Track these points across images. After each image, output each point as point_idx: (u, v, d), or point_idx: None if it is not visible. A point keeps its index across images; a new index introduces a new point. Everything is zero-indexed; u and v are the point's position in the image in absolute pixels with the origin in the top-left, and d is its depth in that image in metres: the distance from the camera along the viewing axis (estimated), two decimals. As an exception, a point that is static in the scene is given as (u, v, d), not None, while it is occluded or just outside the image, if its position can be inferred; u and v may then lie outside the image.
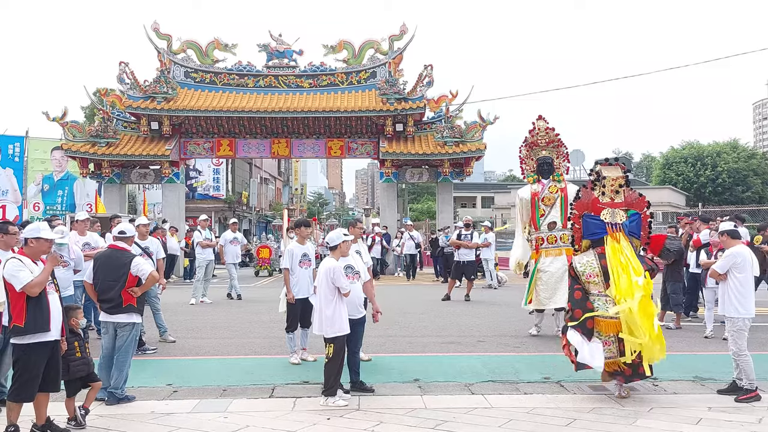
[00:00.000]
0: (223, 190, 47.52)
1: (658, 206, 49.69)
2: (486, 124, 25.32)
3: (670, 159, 69.24)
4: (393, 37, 26.23)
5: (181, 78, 25.98)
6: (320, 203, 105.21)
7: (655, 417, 6.55)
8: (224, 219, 43.77)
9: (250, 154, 28.85)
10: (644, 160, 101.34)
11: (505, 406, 6.94)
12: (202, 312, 14.36)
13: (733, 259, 7.43)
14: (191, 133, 26.19)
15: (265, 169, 59.13)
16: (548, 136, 11.47)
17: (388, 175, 26.19)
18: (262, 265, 25.76)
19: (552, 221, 11.15)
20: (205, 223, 17.25)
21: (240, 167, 51.35)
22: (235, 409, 6.85)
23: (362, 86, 26.20)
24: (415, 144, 25.63)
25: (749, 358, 7.22)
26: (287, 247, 9.48)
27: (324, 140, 26.43)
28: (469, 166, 26.40)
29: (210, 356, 9.72)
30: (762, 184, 65.19)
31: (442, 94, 26.33)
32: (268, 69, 26.37)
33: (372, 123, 25.74)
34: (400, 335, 11.32)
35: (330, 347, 7.06)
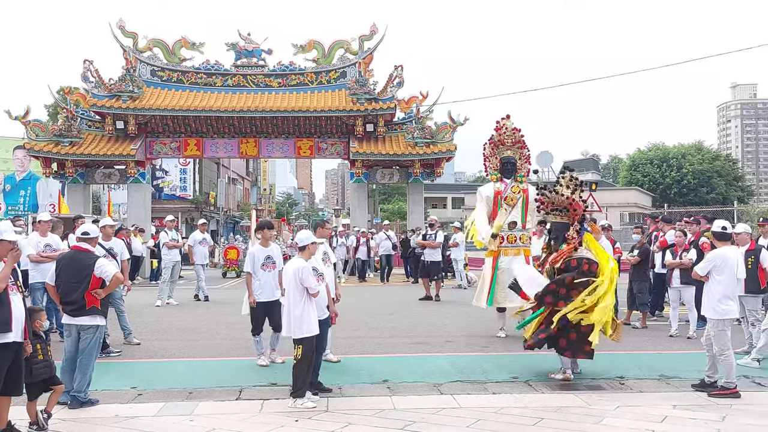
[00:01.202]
0: (190, 190, 47.03)
1: (625, 207, 50.43)
2: (456, 125, 25.41)
3: (637, 160, 70.25)
4: (363, 37, 26.19)
5: (147, 76, 25.64)
6: (289, 204, 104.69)
7: (622, 415, 6.60)
8: (191, 220, 43.34)
9: (218, 154, 28.59)
10: (611, 162, 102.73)
11: (473, 406, 6.94)
12: (167, 314, 14.18)
13: (713, 262, 7.51)
14: (157, 133, 25.86)
15: (233, 169, 58.66)
16: (514, 136, 11.56)
17: (358, 175, 26.15)
18: (229, 266, 25.52)
19: (513, 221, 11.21)
20: (171, 223, 17.05)
21: (207, 167, 50.86)
22: (201, 412, 6.75)
23: (332, 86, 26.12)
24: (385, 144, 25.62)
25: (732, 358, 7.31)
26: (249, 251, 9.34)
27: (293, 140, 26.29)
28: (440, 167, 26.48)
29: (176, 358, 9.58)
30: (725, 185, 66.46)
31: (412, 95, 26.38)
32: (236, 68, 26.15)
33: (342, 123, 25.68)
34: (368, 336, 11.29)
35: (299, 348, 6.99)
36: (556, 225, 8.39)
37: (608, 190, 55.60)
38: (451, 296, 17.69)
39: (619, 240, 16.82)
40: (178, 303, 15.64)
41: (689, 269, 10.70)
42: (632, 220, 43.98)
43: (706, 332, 7.68)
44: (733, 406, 6.87)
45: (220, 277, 24.56)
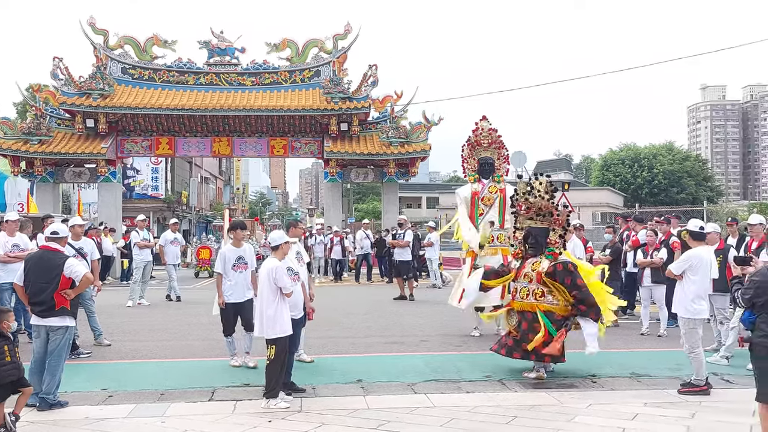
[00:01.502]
0: (162, 189, 46.53)
1: (597, 207, 50.95)
2: (431, 125, 25.47)
3: (609, 161, 71.06)
4: (337, 36, 26.14)
5: (118, 74, 25.34)
6: (263, 203, 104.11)
7: (593, 413, 6.66)
8: (163, 219, 42.89)
9: (190, 153, 28.35)
10: (584, 162, 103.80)
11: (447, 405, 6.96)
12: (139, 314, 14.03)
13: (688, 262, 7.57)
14: (129, 131, 25.57)
15: (206, 168, 58.16)
16: (491, 137, 11.61)
17: (332, 174, 26.09)
18: (202, 266, 25.30)
19: (490, 221, 11.27)
20: (143, 223, 16.87)
21: (180, 166, 50.39)
22: (173, 413, 6.68)
23: (306, 85, 26.03)
24: (360, 144, 25.59)
25: (701, 356, 7.40)
26: (220, 251, 9.23)
27: (267, 139, 26.15)
28: (414, 167, 26.51)
29: (147, 359, 9.48)
30: (696, 185, 67.49)
31: (387, 95, 26.38)
32: (209, 66, 25.95)
33: (316, 122, 25.60)
34: (342, 336, 11.26)
35: (272, 348, 6.95)
36: (536, 230, 8.42)
37: (581, 190, 56.14)
38: (426, 296, 17.72)
39: (591, 239, 16.98)
40: (149, 303, 15.48)
41: (660, 268, 10.88)
42: (604, 220, 44.46)
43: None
44: (703, 403, 6.97)
45: (193, 277, 24.36)
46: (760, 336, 5.31)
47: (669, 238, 11.61)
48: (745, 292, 5.42)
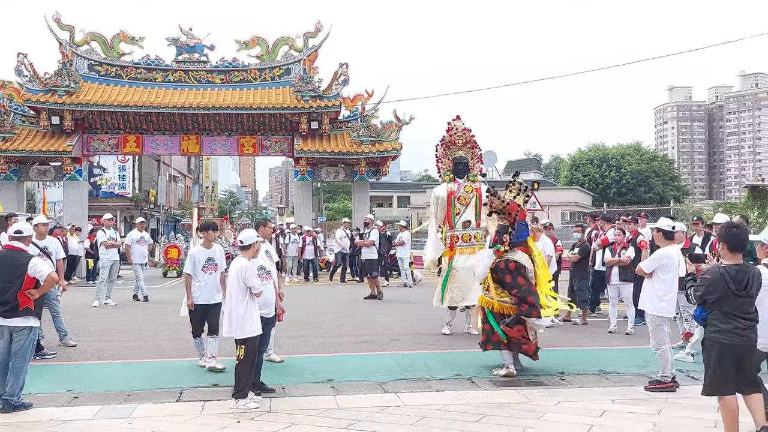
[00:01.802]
0: (130, 188, 46.00)
1: (566, 206, 51.41)
2: (402, 124, 25.49)
3: (578, 161, 71.88)
4: (308, 34, 26.03)
5: (84, 71, 24.95)
6: (232, 202, 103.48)
7: (562, 410, 6.71)
8: (130, 218, 42.38)
9: (158, 151, 28.04)
10: (553, 162, 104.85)
11: (417, 403, 6.96)
12: (105, 314, 13.82)
13: (659, 261, 7.66)
14: (95, 129, 25.20)
15: (174, 166, 57.58)
16: (465, 136, 11.69)
17: (303, 173, 25.98)
18: (170, 265, 25.02)
19: (467, 220, 11.33)
20: (109, 222, 16.63)
21: (147, 164, 49.82)
22: (139, 415, 6.59)
23: (276, 83, 25.89)
24: (330, 142, 25.52)
25: (668, 353, 7.49)
26: (190, 252, 9.06)
27: (236, 137, 25.96)
28: (386, 166, 26.52)
29: (113, 360, 9.33)
30: (662, 185, 68.57)
31: (357, 93, 26.34)
32: (177, 63, 25.68)
33: (286, 120, 25.48)
34: (313, 335, 11.22)
35: (241, 348, 6.88)
36: (500, 227, 8.60)
37: (550, 189, 56.65)
38: (397, 295, 17.73)
39: (560, 238, 17.13)
40: (116, 303, 15.26)
41: (628, 266, 11.02)
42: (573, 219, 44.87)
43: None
44: (669, 400, 7.06)
45: (161, 277, 24.09)
46: (711, 332, 5.43)
47: (636, 237, 11.75)
48: (697, 290, 5.57)
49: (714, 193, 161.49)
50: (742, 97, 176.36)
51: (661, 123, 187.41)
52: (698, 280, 5.68)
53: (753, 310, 5.45)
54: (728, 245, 5.48)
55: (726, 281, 5.33)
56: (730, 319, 5.33)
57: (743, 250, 5.56)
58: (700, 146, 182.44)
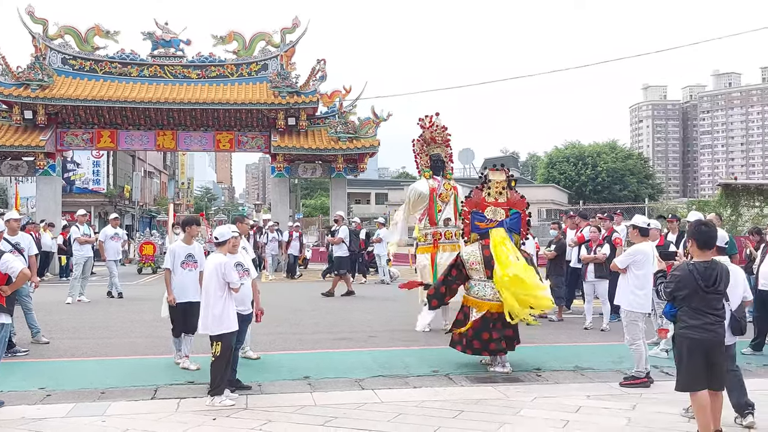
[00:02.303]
0: (104, 183, 45.51)
1: (543, 204, 51.69)
2: (380, 121, 25.46)
3: (554, 158, 72.42)
4: (285, 30, 25.90)
5: (58, 65, 24.61)
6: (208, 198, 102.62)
7: (538, 406, 6.75)
8: (104, 214, 41.91)
9: (133, 147, 27.77)
10: (530, 159, 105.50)
11: (394, 400, 6.95)
12: (79, 311, 13.65)
13: (634, 256, 7.76)
14: (69, 123, 24.86)
15: (150, 162, 57.07)
16: (443, 134, 11.73)
17: (279, 169, 25.86)
18: (145, 262, 24.79)
19: (447, 217, 11.39)
20: (83, 218, 16.42)
21: (122, 160, 49.32)
22: (113, 413, 6.51)
23: (253, 78, 25.72)
24: (308, 139, 25.43)
25: (642, 349, 7.56)
26: (170, 247, 8.87)
27: (212, 133, 25.76)
28: (363, 162, 26.47)
29: (87, 357, 9.22)
30: (637, 183, 69.30)
31: (335, 89, 26.27)
32: (153, 58, 25.42)
33: (263, 116, 25.34)
34: (290, 332, 11.17)
35: (217, 345, 6.82)
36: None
37: (527, 186, 56.89)
38: (374, 291, 17.72)
39: (537, 235, 17.23)
40: (90, 300, 15.08)
41: (603, 263, 11.11)
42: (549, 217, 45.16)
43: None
44: (643, 395, 7.13)
45: (136, 274, 23.85)
46: (681, 328, 5.51)
47: (612, 234, 11.85)
48: (667, 286, 5.63)
49: (688, 191, 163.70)
50: (716, 96, 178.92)
51: (637, 122, 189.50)
52: (668, 277, 5.74)
53: (721, 307, 5.55)
54: (697, 242, 5.56)
55: (695, 278, 5.41)
56: (699, 315, 5.41)
57: (712, 248, 5.64)
58: (675, 145, 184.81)
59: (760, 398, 6.98)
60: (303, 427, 6.09)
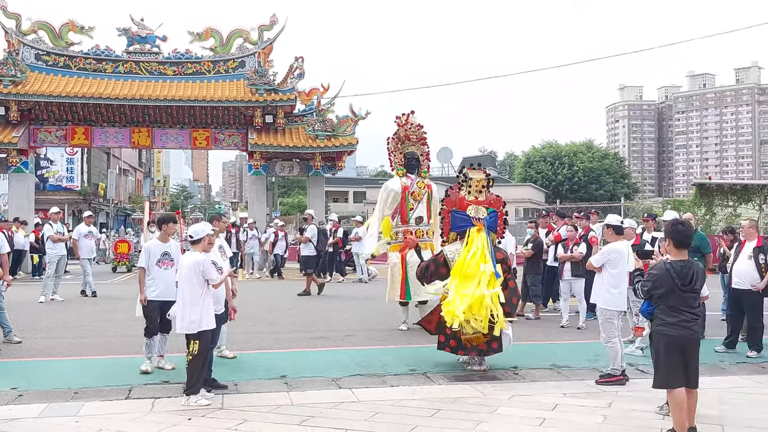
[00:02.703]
0: (78, 181, 44.97)
1: (520, 203, 51.99)
2: (358, 119, 25.41)
3: (531, 158, 72.78)
4: (263, 27, 25.76)
5: (31, 61, 24.25)
6: (184, 196, 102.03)
7: (515, 404, 6.77)
8: (78, 212, 41.42)
9: (108, 144, 27.45)
10: (507, 159, 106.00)
11: (371, 399, 6.93)
12: (52, 310, 13.47)
13: (608, 255, 7.84)
14: (42, 120, 24.53)
15: (125, 159, 56.50)
16: (418, 132, 11.72)
17: (257, 167, 25.72)
18: (120, 260, 24.51)
19: (419, 216, 11.37)
20: (56, 216, 16.20)
21: (97, 157, 48.76)
22: (87, 413, 6.42)
23: (230, 76, 25.55)
24: (285, 136, 25.31)
25: (618, 346, 7.61)
26: (145, 245, 8.67)
27: (189, 130, 25.56)
28: (341, 161, 26.40)
29: (60, 357, 9.09)
30: (613, 182, 69.89)
31: (313, 87, 26.16)
32: (128, 54, 25.14)
33: (240, 114, 25.18)
34: (266, 332, 11.11)
35: (195, 344, 6.75)
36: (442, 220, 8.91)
37: (504, 186, 57.18)
38: (352, 290, 17.70)
39: (514, 234, 17.28)
40: (63, 299, 14.90)
41: (579, 262, 11.19)
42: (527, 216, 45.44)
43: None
44: (619, 393, 7.18)
45: (110, 272, 23.60)
46: (658, 325, 5.57)
47: (588, 233, 11.93)
48: (644, 284, 5.69)
49: (663, 190, 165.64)
50: (691, 97, 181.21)
51: (613, 121, 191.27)
52: (645, 276, 5.80)
53: (697, 305, 5.64)
54: (674, 242, 5.62)
55: (672, 276, 5.47)
56: (676, 313, 5.47)
57: (688, 247, 5.70)
58: (650, 145, 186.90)
59: (735, 396, 7.09)
60: (279, 426, 6.05)
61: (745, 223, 9.93)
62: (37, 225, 21.85)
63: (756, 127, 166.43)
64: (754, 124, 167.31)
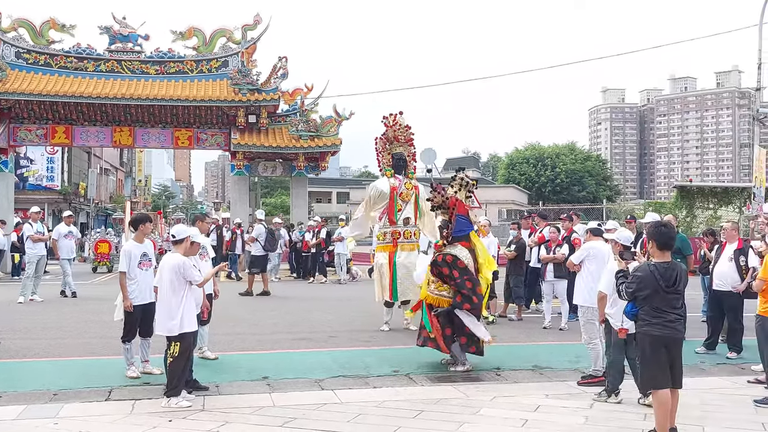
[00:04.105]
0: (58, 180, 44.49)
1: (503, 204, 52.20)
2: (341, 119, 25.37)
3: (514, 159, 73.10)
4: (246, 26, 25.64)
5: (11, 59, 23.96)
6: (166, 196, 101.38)
7: (497, 405, 6.77)
8: (58, 211, 40.98)
9: (89, 143, 27.19)
10: (491, 160, 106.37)
11: (354, 400, 6.92)
12: (31, 311, 13.32)
13: (587, 251, 7.96)
14: (22, 119, 24.26)
15: (106, 158, 55.97)
16: (406, 133, 11.74)
17: (239, 168, 25.61)
18: (100, 260, 24.29)
19: (407, 217, 11.39)
20: (36, 215, 16.04)
21: (77, 156, 48.27)
22: (66, 414, 6.35)
23: (213, 75, 25.40)
24: (268, 137, 25.21)
25: (599, 347, 7.64)
26: (124, 248, 8.36)
27: (171, 130, 25.38)
28: (325, 161, 26.35)
29: (39, 358, 8.98)
30: (596, 184, 70.37)
31: (297, 87, 26.07)
32: (110, 53, 24.92)
33: (223, 113, 25.05)
34: (249, 333, 11.05)
35: (176, 345, 6.69)
36: (441, 221, 8.76)
37: (488, 187, 57.42)
38: (335, 292, 17.66)
39: (497, 236, 17.35)
40: (43, 300, 14.73)
41: (562, 263, 11.24)
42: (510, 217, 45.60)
43: None
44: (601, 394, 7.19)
45: (90, 273, 23.38)
46: (642, 326, 5.60)
47: (571, 235, 11.98)
48: (628, 286, 5.71)
49: (645, 192, 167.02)
50: (672, 100, 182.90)
51: (595, 124, 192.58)
52: (630, 277, 5.83)
53: (680, 305, 5.67)
54: (657, 243, 5.65)
55: (656, 278, 5.50)
56: (660, 314, 5.51)
57: (671, 248, 5.74)
58: (632, 147, 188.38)
59: (715, 397, 7.15)
60: (261, 428, 6.02)
61: (726, 225, 10.03)
62: (17, 225, 21.59)
63: (736, 130, 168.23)
64: (734, 127, 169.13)
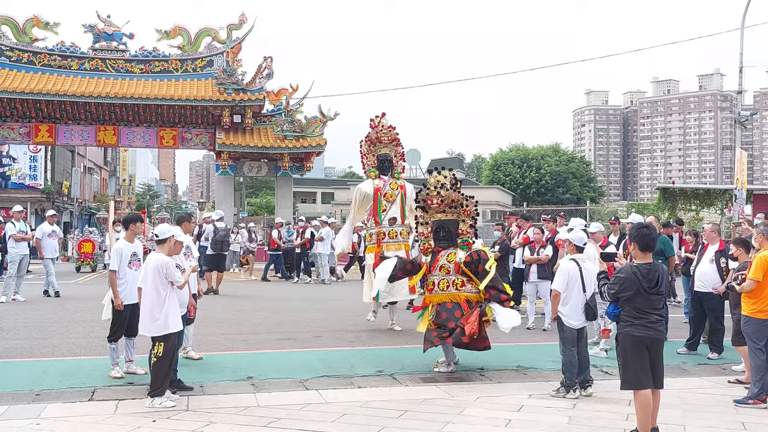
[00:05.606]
0: (41, 179, 44.08)
1: (487, 205, 52.36)
2: (326, 120, 25.39)
3: (499, 160, 73.32)
4: (232, 26, 25.62)
5: (-6, 56, 23.78)
6: (150, 195, 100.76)
7: (481, 405, 6.81)
8: (41, 210, 40.67)
9: (73, 142, 27.04)
10: (475, 161, 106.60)
11: (339, 400, 6.93)
12: (13, 311, 13.20)
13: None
14: (5, 117, 24.10)
15: (90, 157, 55.56)
16: (390, 134, 11.77)
17: (224, 167, 25.55)
18: (84, 260, 24.10)
19: (393, 217, 11.41)
20: (19, 214, 15.87)
21: (61, 155, 47.87)
22: (49, 415, 6.31)
23: (198, 74, 25.35)
24: (254, 136, 25.17)
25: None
26: (115, 246, 8.33)
27: (155, 129, 25.29)
28: (310, 161, 26.37)
29: (21, 358, 8.90)
30: (580, 186, 70.77)
31: (282, 87, 26.08)
32: (94, 51, 24.81)
33: (208, 113, 24.98)
34: (234, 333, 11.02)
35: (160, 345, 6.67)
36: (448, 222, 8.57)
37: (472, 188, 57.53)
38: (320, 292, 17.64)
39: (481, 236, 17.39)
40: (25, 299, 14.62)
41: (545, 265, 11.31)
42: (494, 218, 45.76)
43: None
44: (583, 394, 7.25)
45: (74, 272, 23.20)
46: (624, 327, 5.66)
47: (554, 236, 12.05)
48: (611, 287, 5.76)
49: (628, 194, 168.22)
50: (655, 102, 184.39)
51: (579, 125, 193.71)
52: (612, 278, 5.88)
53: (661, 306, 5.76)
54: (639, 245, 5.71)
55: (638, 279, 5.56)
56: (642, 315, 5.57)
57: (653, 250, 5.80)
58: (616, 149, 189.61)
59: (697, 397, 7.22)
60: (246, 428, 6.01)
61: (707, 227, 10.12)
62: (0, 223, 21.38)
63: (718, 132, 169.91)
64: (716, 130, 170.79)
